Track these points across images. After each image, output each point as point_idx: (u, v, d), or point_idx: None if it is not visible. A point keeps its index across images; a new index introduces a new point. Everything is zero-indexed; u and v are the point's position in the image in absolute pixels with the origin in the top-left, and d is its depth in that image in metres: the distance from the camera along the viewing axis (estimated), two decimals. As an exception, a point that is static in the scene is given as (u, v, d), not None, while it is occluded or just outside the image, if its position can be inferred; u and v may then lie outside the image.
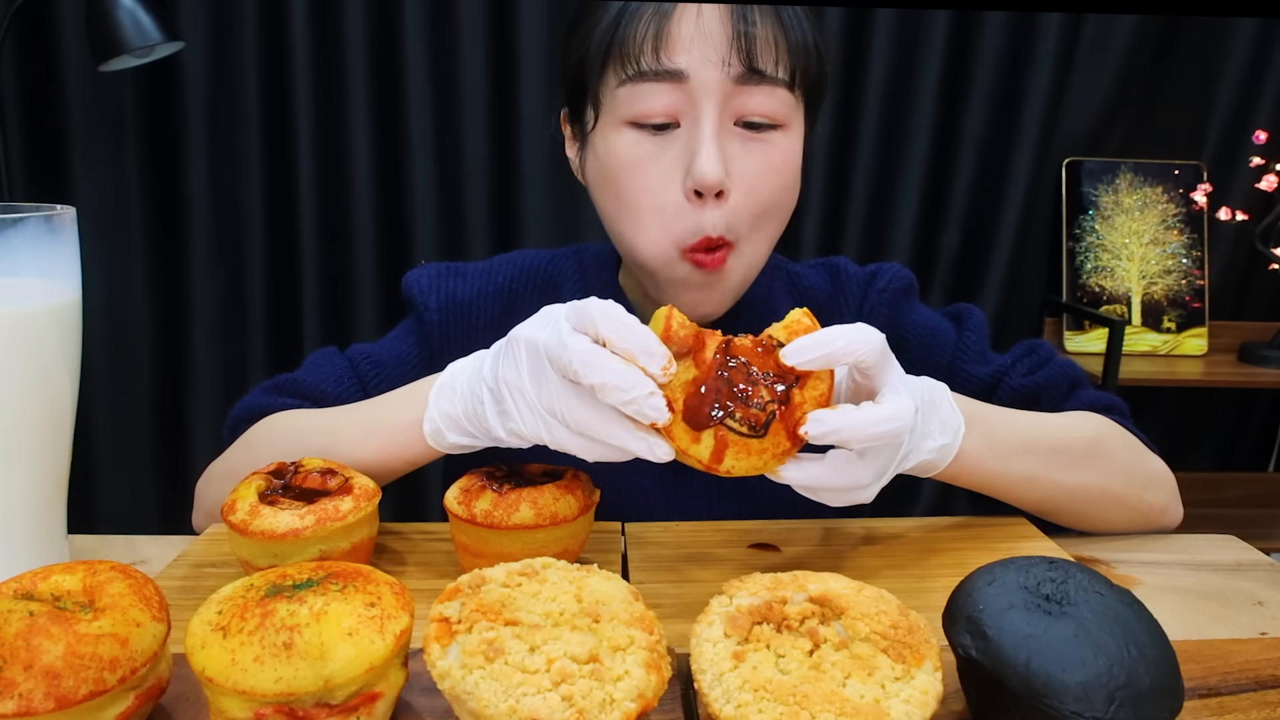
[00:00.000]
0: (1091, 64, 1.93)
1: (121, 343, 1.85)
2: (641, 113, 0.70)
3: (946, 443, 0.62)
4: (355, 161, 1.81)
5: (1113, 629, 0.42)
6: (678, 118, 0.70)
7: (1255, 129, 1.95)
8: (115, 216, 1.80)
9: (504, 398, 0.58)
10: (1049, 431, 0.72)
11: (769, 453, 0.52)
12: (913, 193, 1.92)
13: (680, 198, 0.71)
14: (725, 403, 0.51)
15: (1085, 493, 0.72)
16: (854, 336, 0.52)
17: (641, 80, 0.70)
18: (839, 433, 0.51)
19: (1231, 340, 2.05)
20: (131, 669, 0.41)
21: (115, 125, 1.77)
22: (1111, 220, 2.06)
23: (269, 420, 0.75)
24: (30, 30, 1.69)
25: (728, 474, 0.52)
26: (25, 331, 0.54)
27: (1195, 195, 2.02)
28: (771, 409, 0.51)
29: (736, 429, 0.51)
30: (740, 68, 0.68)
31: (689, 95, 0.69)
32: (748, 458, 0.51)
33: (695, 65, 0.68)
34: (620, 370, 0.51)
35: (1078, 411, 0.77)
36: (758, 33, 0.69)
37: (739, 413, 0.51)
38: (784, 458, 0.53)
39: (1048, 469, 0.70)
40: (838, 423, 0.51)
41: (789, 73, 0.70)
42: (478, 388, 0.61)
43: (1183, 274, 2.06)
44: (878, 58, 1.85)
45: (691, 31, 0.68)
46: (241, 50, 1.74)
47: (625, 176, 0.72)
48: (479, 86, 1.79)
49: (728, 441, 0.51)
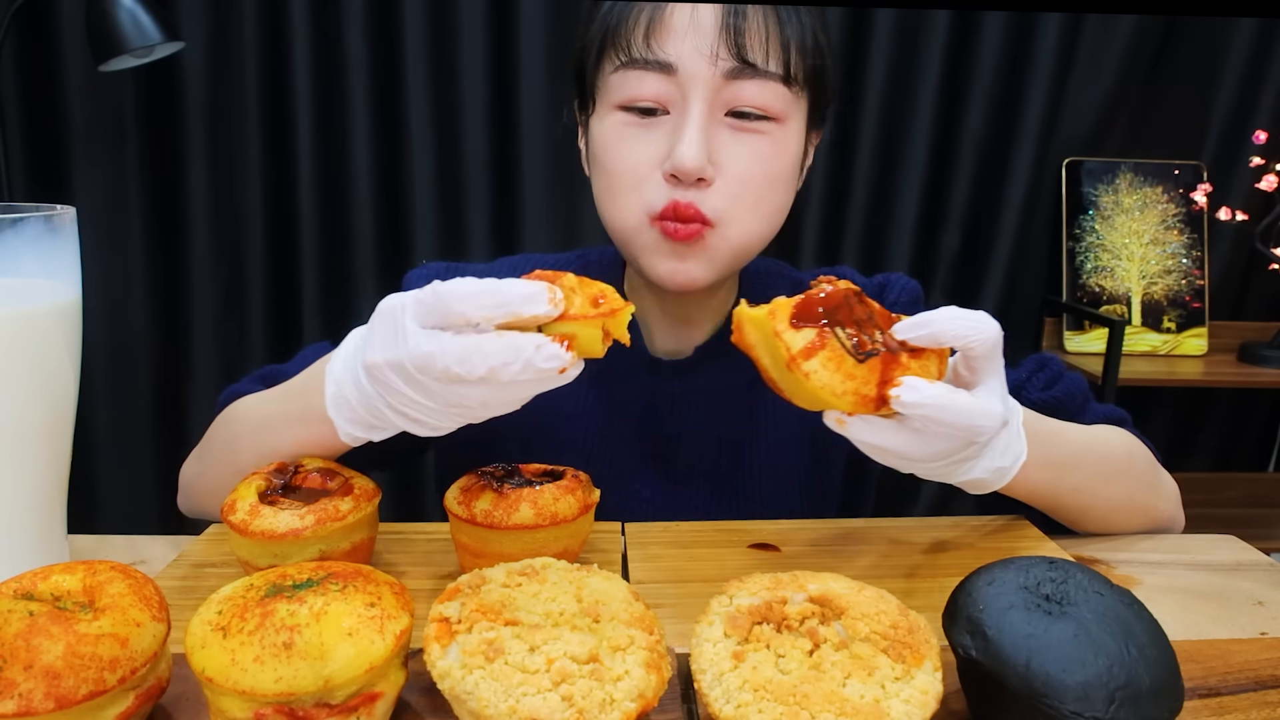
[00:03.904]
0: (1091, 64, 1.93)
1: (121, 343, 1.85)
2: (630, 96, 0.71)
3: (1005, 466, 0.61)
4: (355, 161, 1.81)
5: (1113, 629, 0.42)
6: (666, 105, 0.71)
7: (1255, 129, 1.94)
8: (115, 216, 1.79)
9: (403, 412, 0.55)
10: (1093, 444, 0.73)
11: (853, 383, 0.49)
12: (913, 192, 1.92)
13: (659, 178, 0.71)
14: (841, 317, 0.50)
15: (1117, 503, 0.74)
16: (970, 320, 0.52)
17: (633, 67, 0.71)
18: (927, 407, 0.50)
19: (1231, 340, 2.05)
20: (131, 669, 0.41)
21: (115, 125, 1.76)
22: (1111, 220, 2.05)
23: (230, 407, 0.75)
24: (30, 30, 1.69)
25: (804, 376, 0.49)
26: (25, 332, 0.54)
27: (1195, 195, 2.02)
28: (878, 347, 0.50)
29: (841, 340, 0.50)
30: (730, 61, 0.69)
31: (679, 86, 0.70)
32: (833, 373, 0.49)
33: (686, 57, 0.69)
34: (496, 349, 0.48)
35: (1103, 425, 0.78)
36: (748, 26, 0.69)
37: (850, 329, 0.50)
38: (860, 406, 0.50)
39: (1091, 481, 0.71)
40: (931, 397, 0.50)
41: (782, 66, 0.70)
42: (369, 399, 0.56)
43: (1183, 274, 2.06)
44: (878, 58, 1.84)
45: (685, 24, 0.69)
46: (241, 50, 1.74)
47: (610, 154, 0.73)
48: (479, 86, 1.79)
49: (825, 345, 0.49)
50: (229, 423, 0.74)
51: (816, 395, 0.50)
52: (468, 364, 0.49)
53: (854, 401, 0.50)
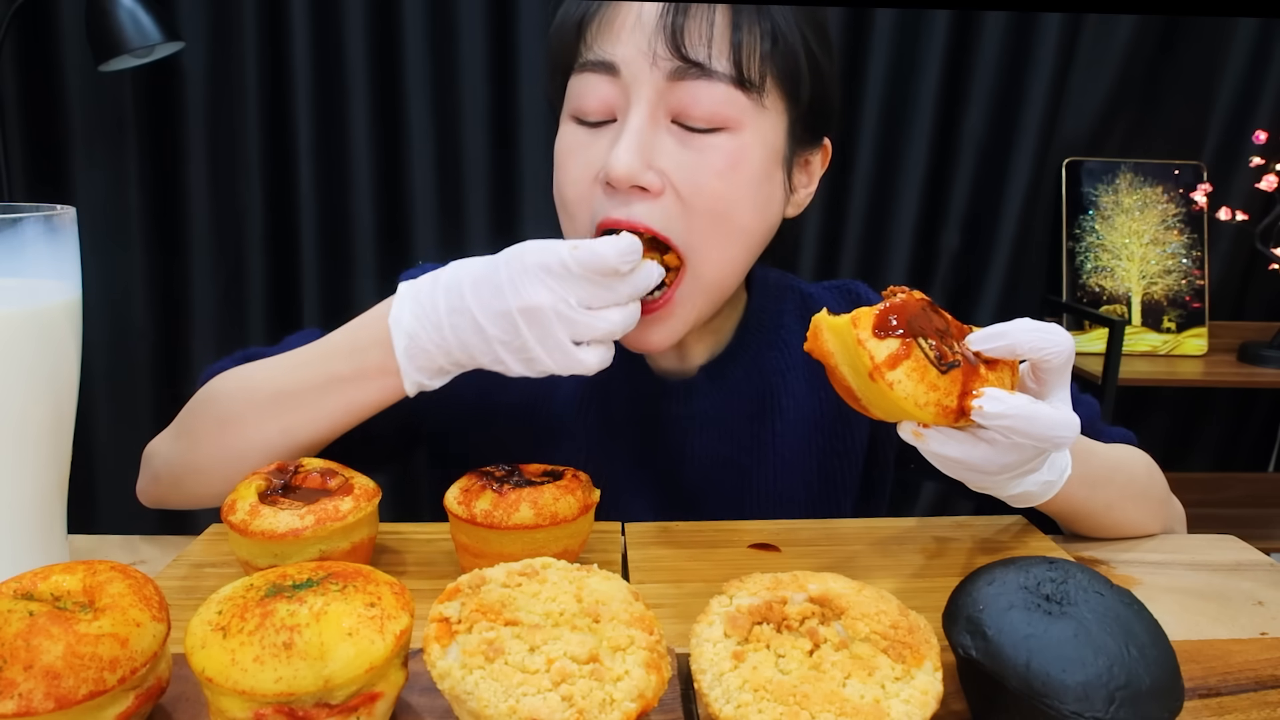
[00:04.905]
0: (1091, 64, 1.93)
1: (121, 343, 1.85)
2: (578, 107, 0.69)
3: (1052, 480, 0.61)
4: (355, 161, 1.80)
5: (1113, 629, 0.42)
6: (614, 113, 0.68)
7: (1255, 129, 1.94)
8: (115, 216, 1.79)
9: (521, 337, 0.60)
10: (1120, 463, 0.73)
11: (936, 394, 0.49)
12: (913, 192, 1.91)
13: (599, 189, 0.68)
14: (922, 326, 0.50)
15: (1143, 521, 0.75)
16: (1046, 333, 0.52)
17: (581, 71, 0.68)
18: (1010, 418, 0.50)
19: (1231, 340, 2.05)
20: (131, 669, 0.41)
21: (115, 125, 1.76)
22: (1111, 220, 2.05)
23: (218, 382, 0.73)
24: (30, 30, 1.69)
25: (888, 386, 0.49)
26: (26, 332, 0.54)
27: (1195, 195, 2.02)
28: (959, 359, 0.51)
29: (925, 350, 0.50)
30: (671, 60, 0.64)
31: (623, 88, 0.66)
32: (916, 383, 0.49)
33: (628, 56, 0.66)
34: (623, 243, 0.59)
35: (1120, 445, 0.78)
36: (688, 24, 0.64)
37: (933, 340, 0.50)
38: (940, 417, 0.50)
39: (1121, 498, 0.72)
40: (1014, 408, 0.50)
41: (733, 66, 0.65)
42: (470, 339, 0.61)
43: (1183, 274, 2.06)
44: (877, 58, 1.84)
45: (630, 22, 0.66)
46: (241, 50, 1.74)
47: (559, 169, 0.71)
48: (479, 86, 1.79)
49: (910, 355, 0.49)
50: (222, 398, 0.71)
51: (898, 405, 0.50)
52: (617, 250, 0.59)
53: (936, 413, 0.50)
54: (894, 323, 0.50)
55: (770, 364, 0.83)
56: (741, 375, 0.82)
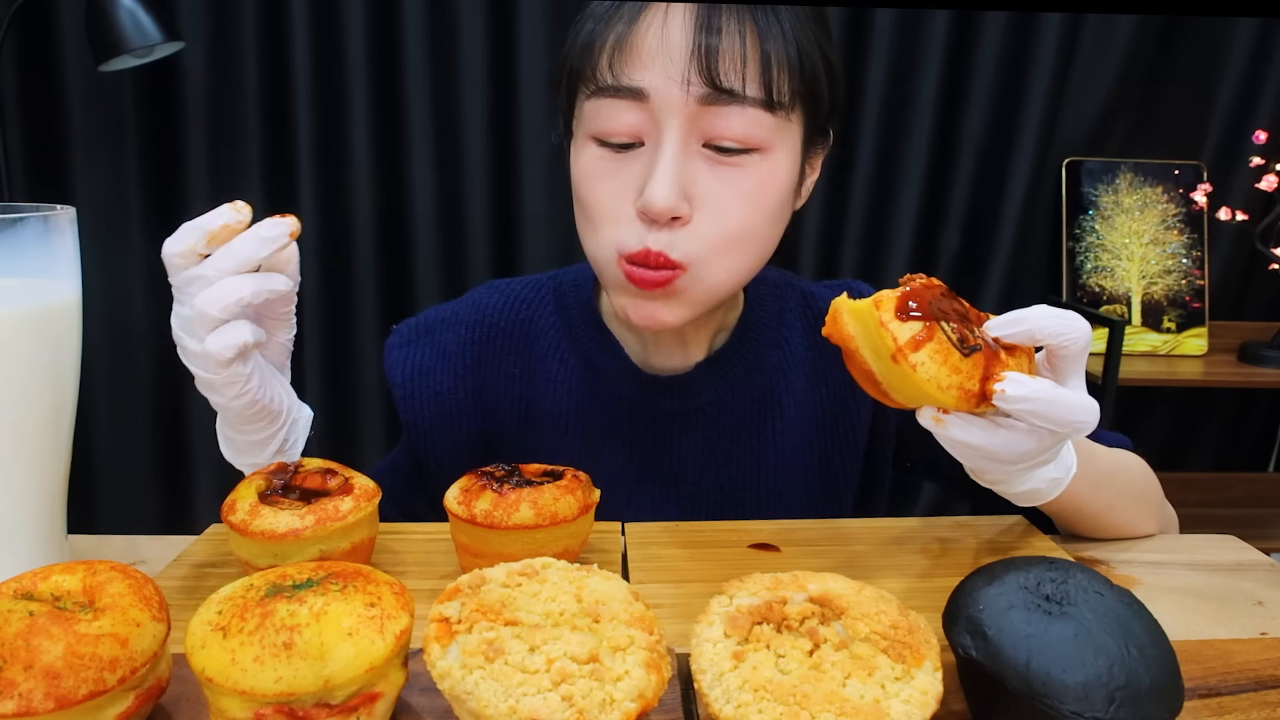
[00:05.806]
0: (1091, 64, 1.93)
1: (121, 343, 1.85)
2: (603, 130, 0.67)
3: (1059, 477, 0.61)
4: (355, 162, 1.80)
5: (1113, 629, 0.42)
6: (641, 137, 0.67)
7: (1255, 129, 1.94)
8: (115, 216, 1.79)
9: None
10: (1119, 465, 0.73)
11: (958, 377, 0.49)
12: (913, 192, 1.92)
13: (633, 214, 0.67)
14: (944, 309, 0.50)
15: (1141, 523, 0.75)
16: (1064, 319, 0.52)
17: (603, 95, 0.67)
18: (1032, 401, 0.49)
19: (1231, 340, 2.05)
20: (131, 669, 0.41)
21: (115, 125, 1.76)
22: (1111, 220, 2.05)
23: None
24: (30, 30, 1.69)
25: (911, 368, 0.49)
26: (26, 332, 0.54)
27: (1195, 195, 2.02)
28: (979, 342, 0.50)
29: (947, 333, 0.49)
30: (703, 87, 0.63)
31: (651, 114, 0.65)
32: (939, 365, 0.49)
33: (657, 83, 0.64)
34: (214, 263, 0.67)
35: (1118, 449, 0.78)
36: (722, 46, 0.63)
37: (955, 323, 0.50)
38: (962, 401, 0.50)
39: (1121, 499, 0.72)
40: (1036, 391, 0.49)
41: (763, 90, 0.65)
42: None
43: (1183, 274, 2.06)
44: (877, 58, 1.84)
45: (655, 45, 0.64)
46: (241, 50, 1.74)
47: (584, 188, 0.70)
48: (479, 86, 1.79)
49: (932, 338, 0.49)
50: None
51: (920, 388, 0.50)
52: (215, 298, 0.65)
53: (958, 396, 0.50)
54: (915, 306, 0.50)
55: (770, 362, 0.83)
56: (741, 373, 0.82)
